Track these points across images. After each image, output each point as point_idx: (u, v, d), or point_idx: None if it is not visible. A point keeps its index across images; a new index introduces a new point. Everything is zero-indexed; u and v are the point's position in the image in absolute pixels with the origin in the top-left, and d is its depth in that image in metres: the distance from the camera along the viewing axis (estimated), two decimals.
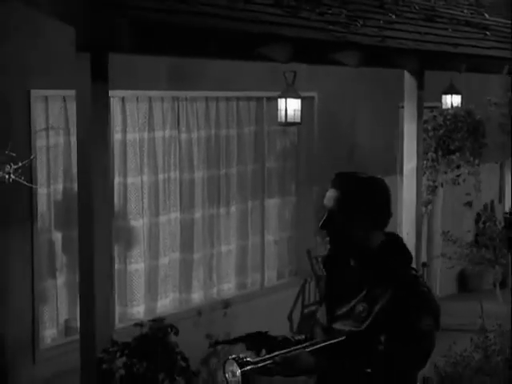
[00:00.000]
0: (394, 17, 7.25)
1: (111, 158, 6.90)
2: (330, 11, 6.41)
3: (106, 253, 4.57)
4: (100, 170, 4.49)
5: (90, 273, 4.48)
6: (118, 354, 4.49)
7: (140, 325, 4.69)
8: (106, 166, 4.56)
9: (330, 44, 5.53)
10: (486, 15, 10.19)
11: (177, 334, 4.53)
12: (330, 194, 3.29)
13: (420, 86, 6.98)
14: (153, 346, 4.35)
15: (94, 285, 4.43)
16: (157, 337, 4.36)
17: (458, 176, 7.93)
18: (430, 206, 8.65)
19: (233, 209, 8.87)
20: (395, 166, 10.65)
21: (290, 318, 9.32)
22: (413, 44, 6.47)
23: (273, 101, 8.93)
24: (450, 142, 7.68)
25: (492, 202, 12.87)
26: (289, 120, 7.69)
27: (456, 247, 8.61)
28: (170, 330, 4.53)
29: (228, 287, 8.89)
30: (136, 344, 4.41)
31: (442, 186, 8.14)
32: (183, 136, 8.25)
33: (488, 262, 8.80)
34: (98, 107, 4.47)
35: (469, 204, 8.61)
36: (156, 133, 7.98)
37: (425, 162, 7.76)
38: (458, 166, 7.79)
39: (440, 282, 11.80)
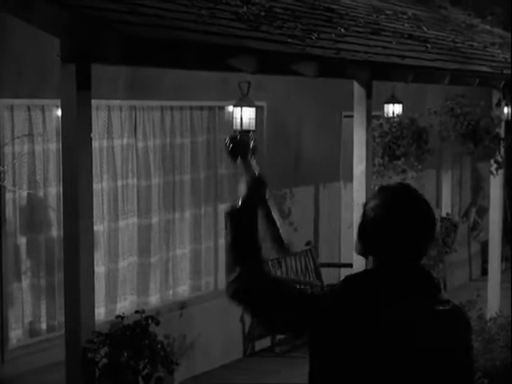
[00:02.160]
0: (343, 30, 7.69)
1: None
2: (285, 25, 6.81)
3: (90, 251, 4.87)
4: (84, 175, 4.80)
5: (75, 269, 4.79)
6: (101, 345, 4.80)
7: (121, 317, 5.00)
8: (89, 170, 4.87)
9: (291, 56, 5.93)
10: (425, 28, 10.73)
11: (158, 324, 4.86)
12: None
13: (368, 96, 7.41)
14: (135, 336, 4.66)
15: (80, 280, 4.73)
16: (139, 326, 4.68)
17: (403, 180, 8.39)
18: None
19: (187, 214, 9.19)
20: (338, 173, 11.12)
21: (242, 319, 9.67)
22: (364, 56, 6.91)
23: (225, 110, 9.32)
24: (396, 148, 8.14)
25: None
26: (244, 128, 8.06)
27: None
28: (150, 320, 4.85)
29: (183, 289, 9.20)
30: (119, 334, 4.72)
31: None
32: (140, 144, 8.55)
33: (433, 261, 9.29)
34: (83, 115, 4.78)
35: None
36: (115, 141, 8.27)
37: (372, 166, 8.21)
38: (404, 171, 8.26)
39: None
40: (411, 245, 2.87)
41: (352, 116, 7.67)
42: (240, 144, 3.18)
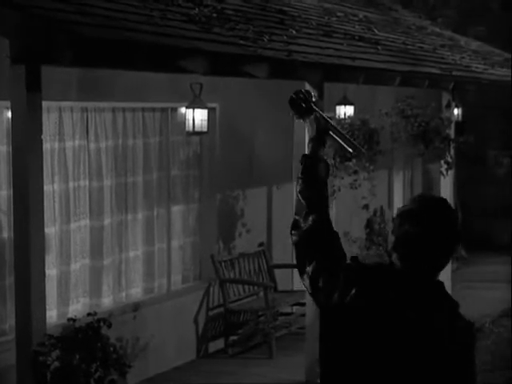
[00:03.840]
0: (294, 32, 7.73)
1: None
2: (237, 27, 6.82)
3: (41, 254, 4.84)
4: (35, 177, 4.77)
5: (26, 272, 4.75)
6: (53, 348, 4.77)
7: (73, 320, 4.97)
8: (40, 172, 4.84)
9: (243, 57, 5.94)
10: (376, 30, 10.82)
11: (110, 326, 4.84)
12: None
13: (320, 97, 7.44)
14: (87, 338, 4.64)
15: (31, 283, 4.70)
16: (91, 329, 4.65)
17: (355, 181, 8.46)
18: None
19: (140, 215, 9.16)
20: (291, 174, 11.16)
21: (195, 321, 9.66)
22: (315, 57, 6.95)
23: (177, 111, 9.31)
24: None
25: (381, 207, 13.54)
26: (196, 129, 8.06)
27: (355, 247, 9.15)
28: (102, 323, 4.83)
29: (136, 291, 9.17)
30: (71, 336, 4.70)
31: (339, 190, 8.66)
32: (92, 145, 8.51)
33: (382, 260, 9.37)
34: (33, 117, 4.75)
35: (366, 207, 9.15)
36: (66, 143, 8.22)
37: None
38: (355, 172, 8.32)
39: None
40: (437, 259, 3.07)
41: None
42: (303, 97, 3.38)
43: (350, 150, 3.43)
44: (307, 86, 7.42)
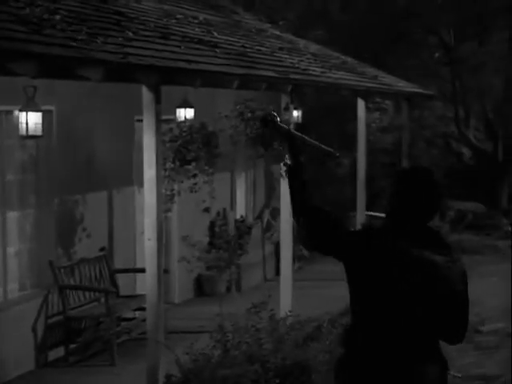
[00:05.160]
0: (131, 34, 7.62)
1: None
2: (70, 28, 6.66)
3: None
4: None
5: None
6: None
7: None
8: None
9: (75, 60, 5.80)
10: (215, 33, 10.83)
11: None
12: None
13: (157, 100, 7.37)
14: None
15: None
16: None
17: (194, 184, 8.42)
18: (169, 213, 9.10)
19: None
20: (132, 178, 11.05)
21: (34, 330, 9.40)
22: (151, 60, 6.87)
23: (12, 114, 9.02)
24: (187, 152, 8.16)
25: (224, 209, 13.59)
26: (30, 133, 7.84)
27: (195, 250, 9.12)
28: None
29: None
30: None
31: (179, 194, 8.61)
32: None
33: (225, 263, 9.38)
34: None
35: (207, 210, 9.14)
36: None
37: (163, 171, 8.19)
38: (194, 175, 8.28)
39: (179, 287, 12.32)
40: (420, 210, 4.05)
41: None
42: (266, 119, 4.40)
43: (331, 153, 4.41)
44: (144, 89, 7.33)
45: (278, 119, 4.36)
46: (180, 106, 10.35)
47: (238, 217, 14.16)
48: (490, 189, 20.27)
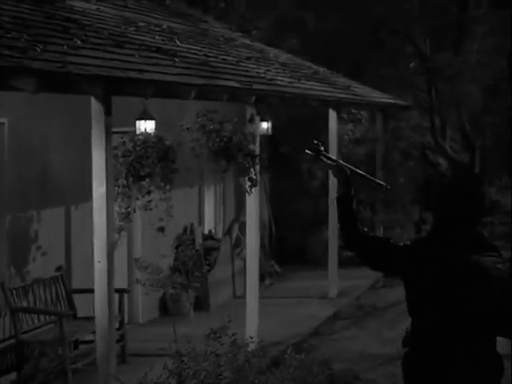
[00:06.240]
0: (79, 42, 7.14)
1: None
2: (8, 35, 6.18)
3: None
4: None
5: None
6: None
7: None
8: None
9: (5, 70, 5.31)
10: (178, 42, 10.36)
11: None
12: None
13: (107, 112, 6.89)
14: None
15: None
16: None
17: (149, 202, 7.93)
18: (124, 233, 8.62)
19: None
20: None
21: None
22: (96, 70, 6.39)
23: None
24: (141, 168, 7.68)
25: (192, 224, 13.10)
26: None
27: (147, 273, 8.63)
28: None
29: None
30: None
31: (134, 211, 8.12)
32: None
33: (181, 287, 8.89)
34: None
35: (161, 229, 8.64)
36: None
37: (116, 188, 7.68)
38: (149, 192, 7.80)
39: (142, 307, 11.81)
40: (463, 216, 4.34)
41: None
42: (315, 149, 4.66)
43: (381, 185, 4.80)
44: (92, 101, 6.86)
45: (322, 148, 4.63)
46: (140, 118, 9.85)
47: (206, 232, 13.68)
48: None
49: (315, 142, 4.64)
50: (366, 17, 20.04)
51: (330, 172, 4.81)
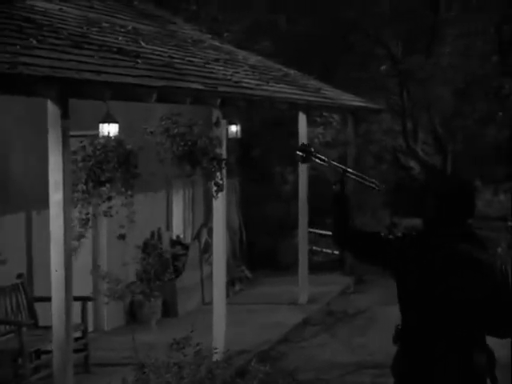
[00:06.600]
0: (34, 42, 6.87)
1: None
2: None
3: None
4: None
5: None
6: None
7: None
8: None
9: None
10: (142, 43, 10.10)
11: None
12: None
13: (64, 115, 6.63)
14: None
15: None
16: None
17: (109, 208, 7.68)
18: (89, 240, 8.35)
19: None
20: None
21: None
22: (49, 71, 6.13)
23: None
24: (101, 172, 7.42)
25: (159, 229, 12.83)
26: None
27: (106, 283, 8.36)
28: None
29: None
30: None
31: (95, 217, 7.86)
32: None
33: (143, 295, 8.63)
34: None
35: (122, 237, 8.36)
36: None
37: (76, 194, 7.42)
38: (110, 198, 7.54)
39: (107, 315, 11.52)
40: (455, 217, 4.39)
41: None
42: (306, 150, 4.73)
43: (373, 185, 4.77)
44: (49, 103, 6.60)
45: (313, 149, 4.67)
46: (103, 121, 9.57)
47: (174, 237, 13.42)
48: None
49: (304, 143, 4.68)
50: (337, 20, 19.90)
51: (327, 173, 4.84)
